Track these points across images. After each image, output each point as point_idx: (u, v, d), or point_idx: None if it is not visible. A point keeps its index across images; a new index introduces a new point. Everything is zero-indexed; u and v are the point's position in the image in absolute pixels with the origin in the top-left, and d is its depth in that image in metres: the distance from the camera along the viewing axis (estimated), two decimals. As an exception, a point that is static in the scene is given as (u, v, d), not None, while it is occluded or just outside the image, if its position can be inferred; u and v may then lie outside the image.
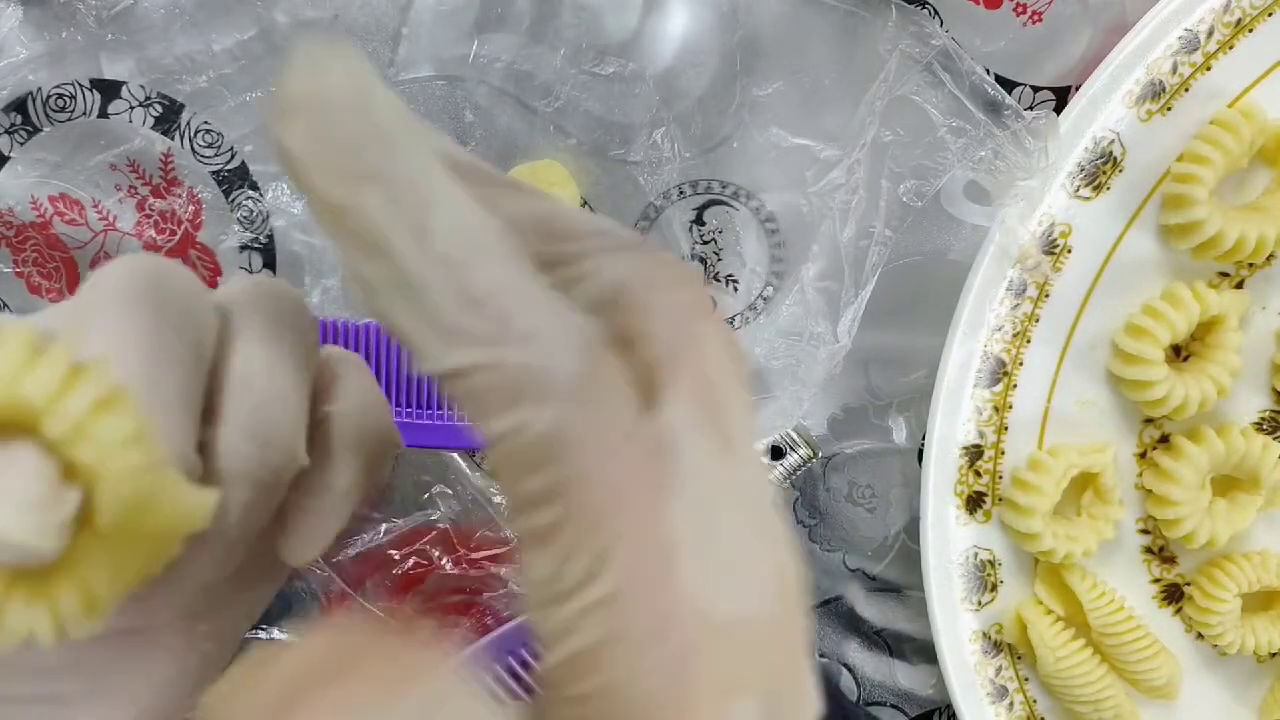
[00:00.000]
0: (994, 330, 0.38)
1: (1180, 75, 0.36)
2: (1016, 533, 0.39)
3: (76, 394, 0.14)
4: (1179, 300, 0.37)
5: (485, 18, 0.36)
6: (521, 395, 0.14)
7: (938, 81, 0.37)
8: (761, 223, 0.38)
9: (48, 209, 0.38)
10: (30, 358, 0.14)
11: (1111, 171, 0.37)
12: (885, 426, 0.40)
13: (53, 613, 0.15)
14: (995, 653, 0.40)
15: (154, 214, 0.38)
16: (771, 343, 0.39)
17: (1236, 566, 0.39)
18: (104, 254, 0.38)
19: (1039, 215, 0.37)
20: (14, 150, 0.37)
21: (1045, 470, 0.38)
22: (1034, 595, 0.40)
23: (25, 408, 0.14)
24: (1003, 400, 0.39)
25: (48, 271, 0.38)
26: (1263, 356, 0.39)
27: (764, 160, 0.38)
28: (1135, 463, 0.40)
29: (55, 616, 0.15)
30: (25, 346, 0.14)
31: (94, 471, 0.14)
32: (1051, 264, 0.38)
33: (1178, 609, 0.41)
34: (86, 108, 0.37)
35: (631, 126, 0.37)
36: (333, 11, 0.36)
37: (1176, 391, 0.37)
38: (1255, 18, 0.36)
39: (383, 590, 0.41)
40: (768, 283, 0.39)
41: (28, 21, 0.36)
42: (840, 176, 0.37)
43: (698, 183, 0.38)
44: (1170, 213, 0.37)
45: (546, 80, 0.37)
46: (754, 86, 0.37)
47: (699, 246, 0.39)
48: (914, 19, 0.36)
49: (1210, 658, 0.41)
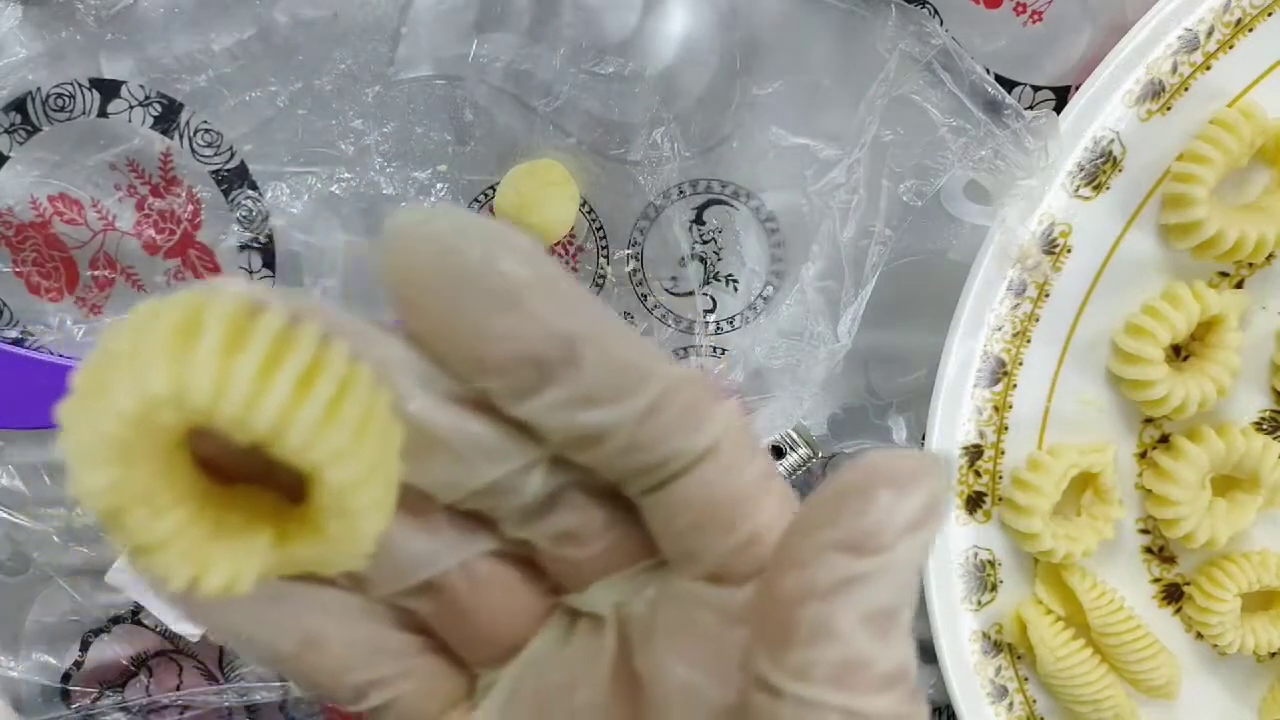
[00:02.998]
0: (994, 330, 0.38)
1: (1180, 75, 0.36)
2: (1016, 533, 0.39)
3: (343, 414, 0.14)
4: (1179, 300, 0.37)
5: (485, 17, 0.36)
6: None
7: (938, 81, 0.37)
8: (761, 222, 0.38)
9: (47, 208, 0.38)
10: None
11: (1111, 171, 0.37)
12: (885, 426, 0.40)
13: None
14: (995, 653, 0.40)
15: (153, 213, 0.38)
16: (772, 342, 0.39)
17: (1236, 566, 0.39)
18: (103, 254, 0.38)
19: (1039, 215, 0.37)
20: (13, 150, 0.37)
21: (1045, 470, 0.38)
22: (1034, 595, 0.40)
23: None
24: (1003, 400, 0.39)
25: (47, 271, 0.38)
26: (1263, 356, 0.39)
27: (764, 160, 0.38)
28: (1135, 462, 0.40)
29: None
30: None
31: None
32: (1051, 263, 0.38)
33: (1178, 609, 0.41)
34: (86, 107, 0.37)
35: (631, 126, 0.37)
36: (332, 10, 0.36)
37: (1176, 391, 0.37)
38: (1255, 17, 0.36)
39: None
40: (768, 282, 0.39)
41: (27, 21, 0.36)
42: (840, 176, 0.37)
43: (697, 182, 0.38)
44: (1170, 212, 0.37)
45: (546, 79, 0.36)
46: (754, 86, 0.37)
47: (699, 246, 0.39)
48: (914, 18, 0.36)
49: (1210, 657, 0.41)
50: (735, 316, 0.39)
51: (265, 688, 0.41)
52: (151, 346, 0.13)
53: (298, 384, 0.14)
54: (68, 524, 0.40)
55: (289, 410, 0.13)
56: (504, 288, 0.14)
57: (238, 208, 0.38)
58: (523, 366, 0.15)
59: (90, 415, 0.13)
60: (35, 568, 0.40)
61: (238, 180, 0.38)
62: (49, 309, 0.39)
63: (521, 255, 0.15)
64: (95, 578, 0.40)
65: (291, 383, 0.13)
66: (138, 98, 0.37)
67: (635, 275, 0.39)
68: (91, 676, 0.41)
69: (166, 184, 0.38)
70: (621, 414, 0.15)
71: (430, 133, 0.37)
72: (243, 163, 0.37)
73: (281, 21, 0.36)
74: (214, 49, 0.36)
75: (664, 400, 0.15)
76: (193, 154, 0.37)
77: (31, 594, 0.40)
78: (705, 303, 0.39)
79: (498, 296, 0.14)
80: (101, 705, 0.41)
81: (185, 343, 0.13)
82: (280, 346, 0.14)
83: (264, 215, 0.38)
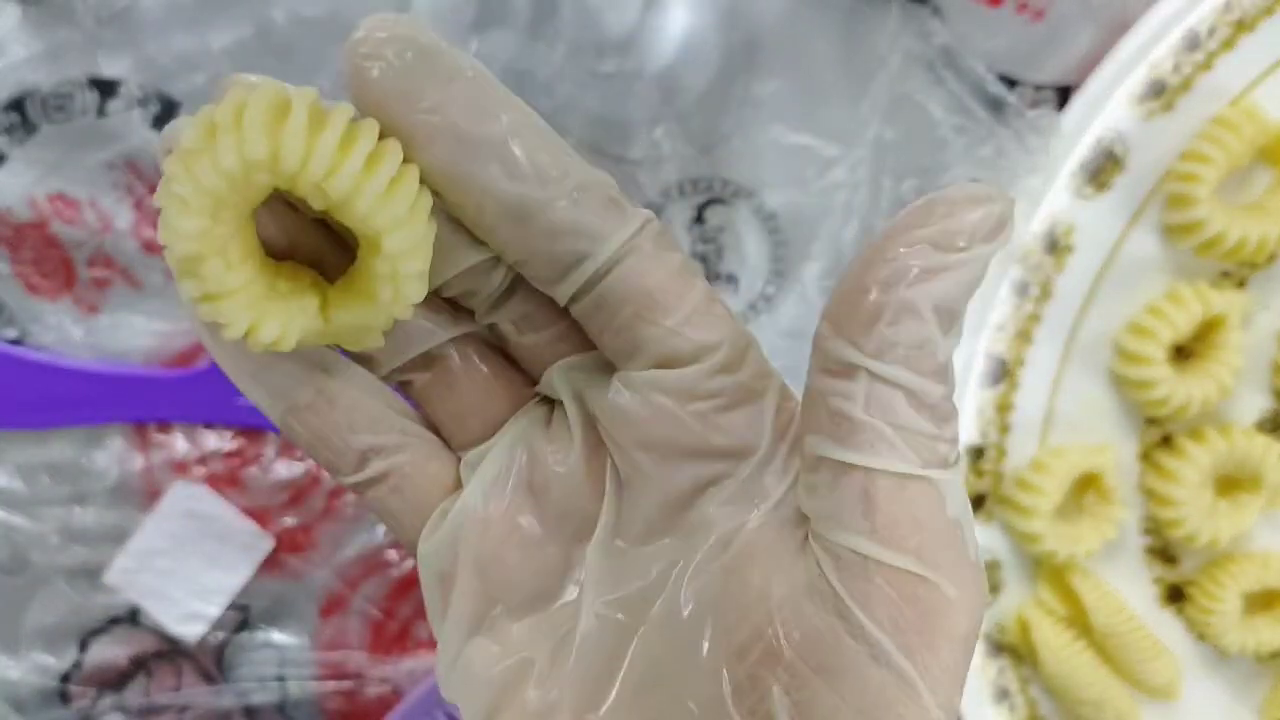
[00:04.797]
0: (996, 330, 0.38)
1: (1182, 74, 0.36)
2: (1018, 533, 0.39)
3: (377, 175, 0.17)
4: (1181, 299, 0.37)
5: (484, 15, 0.36)
6: None
7: (939, 79, 0.37)
8: (762, 221, 0.38)
9: (45, 208, 0.38)
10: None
11: (1114, 170, 0.37)
12: (886, 426, 0.40)
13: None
14: (997, 654, 0.40)
15: (151, 213, 0.38)
16: (773, 342, 0.39)
17: (1238, 567, 0.39)
18: (101, 253, 0.38)
19: (1041, 214, 0.37)
20: (12, 149, 0.37)
21: (1047, 471, 0.38)
22: (1036, 596, 0.40)
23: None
24: (1005, 400, 0.39)
25: (45, 270, 0.38)
26: (1264, 356, 0.39)
27: (765, 158, 0.37)
28: (1137, 463, 0.40)
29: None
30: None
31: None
32: (1054, 263, 0.38)
33: (1179, 609, 0.41)
34: (84, 107, 0.37)
35: (631, 124, 0.37)
36: (330, 9, 0.36)
37: (1179, 391, 0.37)
38: (1256, 17, 0.36)
39: (381, 591, 0.41)
40: (768, 282, 0.39)
41: (26, 20, 0.36)
42: (842, 175, 0.37)
43: (698, 181, 0.38)
44: (1172, 211, 0.37)
45: (545, 78, 0.36)
46: (755, 84, 0.37)
47: (700, 245, 0.38)
48: (916, 16, 0.36)
49: (1211, 658, 0.41)
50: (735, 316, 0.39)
51: (264, 689, 0.41)
52: (251, 119, 0.16)
53: (366, 161, 0.17)
54: (66, 524, 0.40)
55: (360, 181, 0.16)
56: (448, 66, 0.17)
57: (237, 207, 0.38)
58: (455, 141, 0.17)
59: (195, 170, 0.16)
60: (34, 568, 0.40)
61: (237, 179, 0.38)
62: (47, 309, 0.39)
63: (468, 58, 0.18)
64: (94, 578, 0.40)
65: (362, 159, 0.16)
66: (136, 97, 0.37)
67: (635, 275, 0.39)
68: (90, 677, 0.41)
69: (165, 183, 0.38)
70: (546, 193, 0.18)
71: (430, 132, 0.37)
72: (242, 162, 0.37)
73: (280, 20, 0.36)
74: (212, 48, 0.36)
75: (584, 190, 0.18)
76: (191, 153, 0.37)
77: (30, 595, 0.40)
78: (706, 302, 0.39)
79: (442, 72, 0.17)
80: (100, 706, 0.41)
81: (278, 119, 0.16)
82: (351, 132, 0.17)
83: (263, 215, 0.38)
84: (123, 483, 0.39)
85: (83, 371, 0.38)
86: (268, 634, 0.41)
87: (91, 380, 0.38)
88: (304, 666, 0.41)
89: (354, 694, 0.41)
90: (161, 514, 0.39)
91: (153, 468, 0.39)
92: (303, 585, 0.41)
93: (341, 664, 0.41)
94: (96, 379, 0.38)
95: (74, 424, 0.39)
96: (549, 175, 0.18)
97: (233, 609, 0.40)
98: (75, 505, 0.40)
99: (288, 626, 0.41)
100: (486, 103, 0.18)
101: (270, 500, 0.40)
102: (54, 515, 0.40)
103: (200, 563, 0.40)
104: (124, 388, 0.38)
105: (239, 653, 0.41)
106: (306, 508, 0.40)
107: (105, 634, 0.41)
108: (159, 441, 0.39)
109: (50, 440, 0.39)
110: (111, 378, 0.38)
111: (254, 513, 0.40)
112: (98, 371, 0.38)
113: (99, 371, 0.38)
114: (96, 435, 0.39)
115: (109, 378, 0.38)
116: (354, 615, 0.41)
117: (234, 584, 0.40)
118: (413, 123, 0.17)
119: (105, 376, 0.38)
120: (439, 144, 0.17)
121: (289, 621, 0.41)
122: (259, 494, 0.40)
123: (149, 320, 0.38)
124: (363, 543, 0.40)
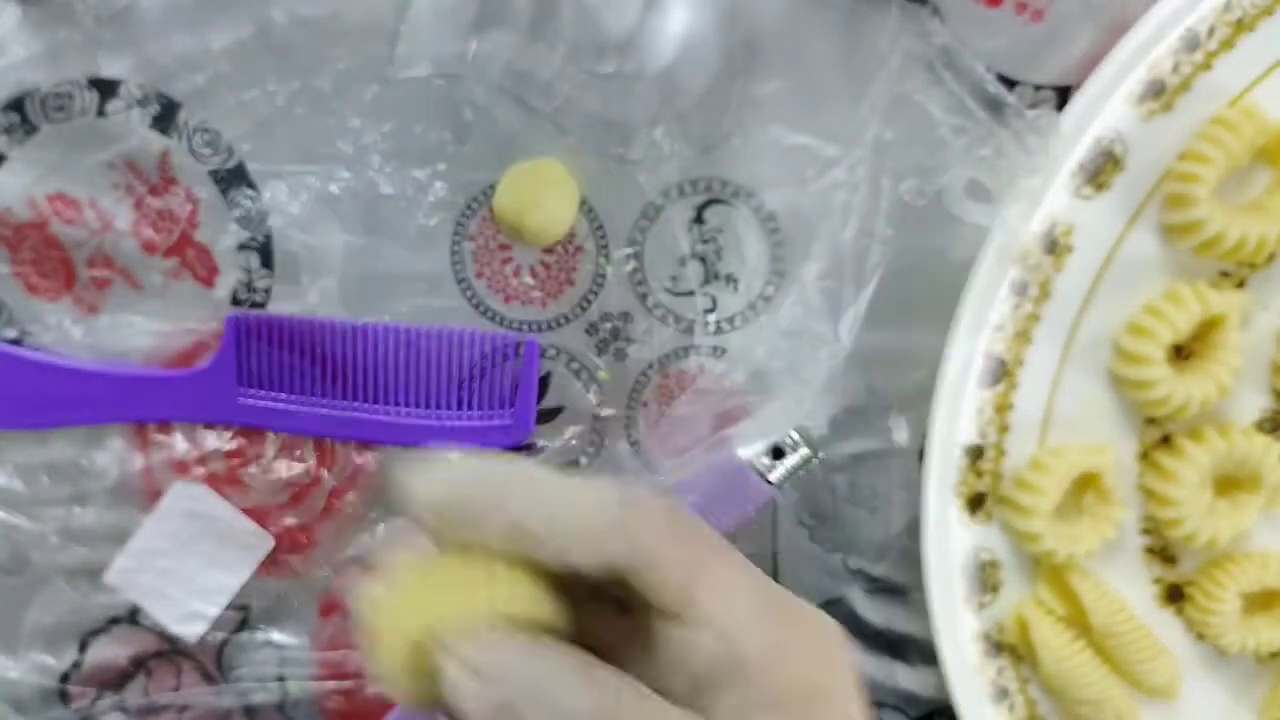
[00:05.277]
0: (995, 330, 0.38)
1: (1181, 74, 0.36)
2: (1018, 533, 0.39)
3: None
4: (1180, 299, 0.37)
5: (484, 15, 0.36)
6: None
7: (939, 79, 0.37)
8: (762, 221, 0.38)
9: (45, 208, 0.38)
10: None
11: (1113, 170, 0.37)
12: (886, 427, 0.40)
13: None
14: (996, 654, 0.40)
15: (151, 213, 0.38)
16: (773, 342, 0.39)
17: (1238, 567, 0.39)
18: (101, 253, 0.38)
19: (1041, 214, 0.37)
20: (12, 149, 0.37)
21: (1047, 470, 0.38)
22: (1035, 596, 0.40)
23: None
24: (1004, 400, 0.39)
25: (45, 270, 0.38)
26: (1264, 356, 0.39)
27: (765, 158, 0.37)
28: (1136, 463, 0.40)
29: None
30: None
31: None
32: (1053, 263, 0.38)
33: (1179, 609, 0.41)
34: (84, 107, 0.37)
35: (631, 125, 0.37)
36: (331, 9, 0.36)
37: (1178, 391, 0.37)
38: (1256, 16, 0.36)
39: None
40: (768, 282, 0.39)
41: (26, 20, 0.36)
42: (841, 175, 0.37)
43: (698, 181, 0.38)
44: (1171, 211, 0.37)
45: (545, 78, 0.36)
46: (754, 84, 0.37)
47: (699, 245, 0.38)
48: (915, 16, 0.36)
49: (1211, 658, 0.41)
50: (735, 316, 0.39)
51: (264, 689, 0.41)
52: (420, 596, 0.23)
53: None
54: (66, 524, 0.40)
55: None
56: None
57: (236, 207, 0.38)
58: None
59: (392, 631, 0.23)
60: (33, 568, 0.40)
61: (236, 180, 0.38)
62: (47, 309, 0.39)
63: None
64: (94, 578, 0.40)
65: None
66: (136, 97, 0.37)
67: (635, 275, 0.39)
68: (90, 677, 0.41)
69: (164, 183, 0.38)
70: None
71: (429, 132, 0.37)
72: (241, 162, 0.37)
73: (280, 20, 0.36)
74: (212, 48, 0.36)
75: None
76: (191, 153, 0.37)
77: (30, 595, 0.40)
78: (705, 302, 0.39)
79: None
80: (100, 706, 0.41)
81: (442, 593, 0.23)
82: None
83: (262, 215, 0.38)
84: (123, 483, 0.39)
85: (82, 371, 0.38)
86: (267, 634, 0.41)
87: (91, 380, 0.38)
88: (304, 666, 0.41)
89: (354, 694, 0.41)
90: (161, 514, 0.39)
91: (153, 468, 0.39)
92: (303, 585, 0.41)
93: (341, 664, 0.41)
94: (96, 379, 0.38)
95: (74, 424, 0.39)
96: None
97: (232, 609, 0.40)
98: (75, 505, 0.40)
99: (287, 626, 0.41)
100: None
101: (270, 500, 0.40)
102: (54, 515, 0.40)
103: (200, 563, 0.40)
104: (124, 388, 0.38)
105: (239, 653, 0.41)
106: (306, 508, 0.40)
107: (105, 634, 0.41)
108: (159, 441, 0.39)
109: (50, 440, 0.39)
110: (111, 378, 0.38)
111: (254, 513, 0.40)
112: (97, 371, 0.38)
113: (99, 371, 0.38)
114: (96, 435, 0.39)
115: (109, 378, 0.38)
116: (354, 615, 0.41)
117: (234, 584, 0.40)
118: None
119: (105, 376, 0.38)
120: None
121: (289, 621, 0.41)
122: (259, 494, 0.40)
123: (149, 320, 0.39)
124: (363, 543, 0.40)
